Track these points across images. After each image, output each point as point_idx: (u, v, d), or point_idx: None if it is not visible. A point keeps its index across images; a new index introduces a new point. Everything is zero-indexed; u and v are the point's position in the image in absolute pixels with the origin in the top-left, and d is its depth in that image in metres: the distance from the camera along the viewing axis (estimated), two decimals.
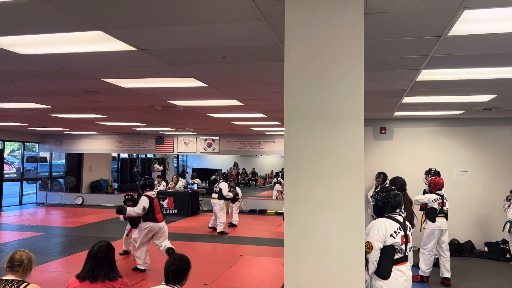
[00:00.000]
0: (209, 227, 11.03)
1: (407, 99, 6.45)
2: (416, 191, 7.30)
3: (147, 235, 7.20)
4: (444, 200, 6.61)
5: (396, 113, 8.29)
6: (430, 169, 7.45)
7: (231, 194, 11.14)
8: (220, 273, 7.04)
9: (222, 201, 10.88)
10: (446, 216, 6.59)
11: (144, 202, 7.10)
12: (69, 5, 2.66)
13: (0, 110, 8.55)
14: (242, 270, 7.38)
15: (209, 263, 7.79)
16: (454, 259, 7.96)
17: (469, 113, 8.02)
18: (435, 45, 3.47)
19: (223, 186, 10.97)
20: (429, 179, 6.78)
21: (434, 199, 6.55)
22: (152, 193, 7.34)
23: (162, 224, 7.29)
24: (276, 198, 16.07)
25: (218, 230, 10.68)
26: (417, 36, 3.26)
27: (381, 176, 8.50)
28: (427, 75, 4.66)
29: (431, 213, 6.53)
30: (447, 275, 6.56)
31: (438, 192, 6.64)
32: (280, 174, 18.26)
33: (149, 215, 7.17)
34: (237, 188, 11.83)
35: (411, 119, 9.19)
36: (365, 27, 2.37)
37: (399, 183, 5.57)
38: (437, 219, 6.50)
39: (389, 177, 6.73)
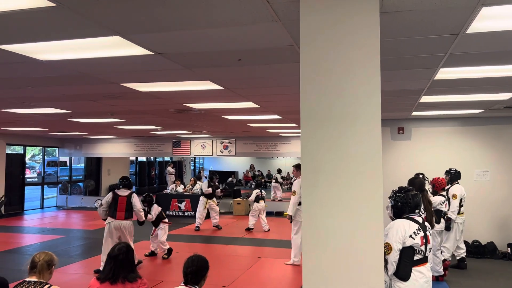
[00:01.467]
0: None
1: (425, 99, 6.37)
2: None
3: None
4: (446, 202, 6.53)
5: (414, 113, 8.19)
6: (450, 169, 7.33)
7: (210, 190, 11.64)
8: (238, 275, 7.05)
9: (201, 197, 11.67)
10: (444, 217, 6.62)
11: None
12: (88, 11, 2.71)
13: (22, 116, 8.75)
14: (260, 272, 7.38)
15: (227, 265, 7.81)
16: (475, 260, 7.82)
17: (489, 111, 7.87)
18: (453, 43, 3.42)
19: (203, 184, 11.84)
20: (431, 179, 6.64)
21: (442, 201, 6.42)
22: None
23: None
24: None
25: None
26: (434, 35, 3.23)
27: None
28: (445, 73, 4.60)
29: (437, 215, 6.42)
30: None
31: (442, 193, 6.54)
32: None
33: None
34: (254, 191, 11.71)
35: (430, 118, 9.06)
36: (381, 26, 2.36)
37: (418, 184, 5.47)
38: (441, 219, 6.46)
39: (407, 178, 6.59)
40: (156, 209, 8.28)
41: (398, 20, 2.87)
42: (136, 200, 7.29)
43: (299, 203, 7.05)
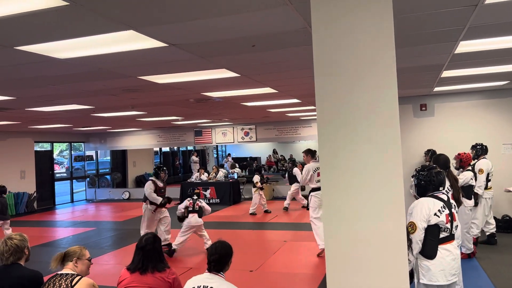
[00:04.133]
0: None
1: (446, 73, 6.21)
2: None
3: None
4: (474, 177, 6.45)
5: (436, 88, 8.00)
6: (476, 144, 7.17)
7: None
8: (264, 259, 7.14)
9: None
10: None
11: None
12: (100, 8, 2.75)
13: (47, 114, 8.98)
14: (286, 255, 7.44)
15: (253, 249, 7.90)
16: (505, 235, 7.67)
17: None
18: (471, 14, 3.31)
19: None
20: (457, 155, 6.50)
21: (472, 176, 6.32)
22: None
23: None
24: None
25: None
26: (452, 7, 3.13)
27: (430, 153, 8.19)
28: (465, 46, 4.47)
29: (469, 191, 6.30)
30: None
31: (468, 168, 6.42)
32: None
33: None
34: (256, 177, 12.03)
35: (453, 93, 8.83)
36: (397, 2, 2.30)
37: (443, 161, 5.39)
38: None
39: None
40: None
41: None
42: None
43: (312, 189, 7.06)
